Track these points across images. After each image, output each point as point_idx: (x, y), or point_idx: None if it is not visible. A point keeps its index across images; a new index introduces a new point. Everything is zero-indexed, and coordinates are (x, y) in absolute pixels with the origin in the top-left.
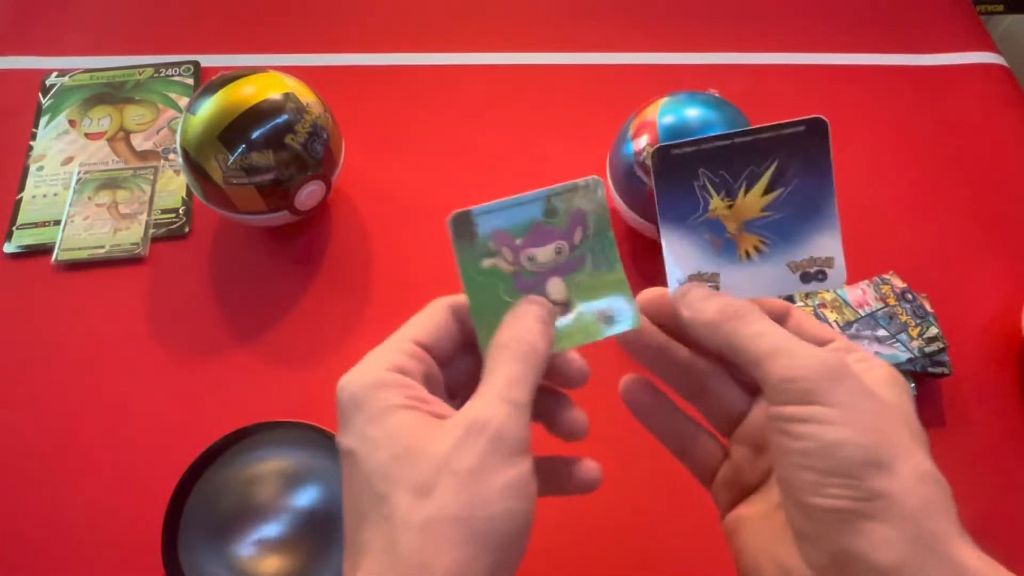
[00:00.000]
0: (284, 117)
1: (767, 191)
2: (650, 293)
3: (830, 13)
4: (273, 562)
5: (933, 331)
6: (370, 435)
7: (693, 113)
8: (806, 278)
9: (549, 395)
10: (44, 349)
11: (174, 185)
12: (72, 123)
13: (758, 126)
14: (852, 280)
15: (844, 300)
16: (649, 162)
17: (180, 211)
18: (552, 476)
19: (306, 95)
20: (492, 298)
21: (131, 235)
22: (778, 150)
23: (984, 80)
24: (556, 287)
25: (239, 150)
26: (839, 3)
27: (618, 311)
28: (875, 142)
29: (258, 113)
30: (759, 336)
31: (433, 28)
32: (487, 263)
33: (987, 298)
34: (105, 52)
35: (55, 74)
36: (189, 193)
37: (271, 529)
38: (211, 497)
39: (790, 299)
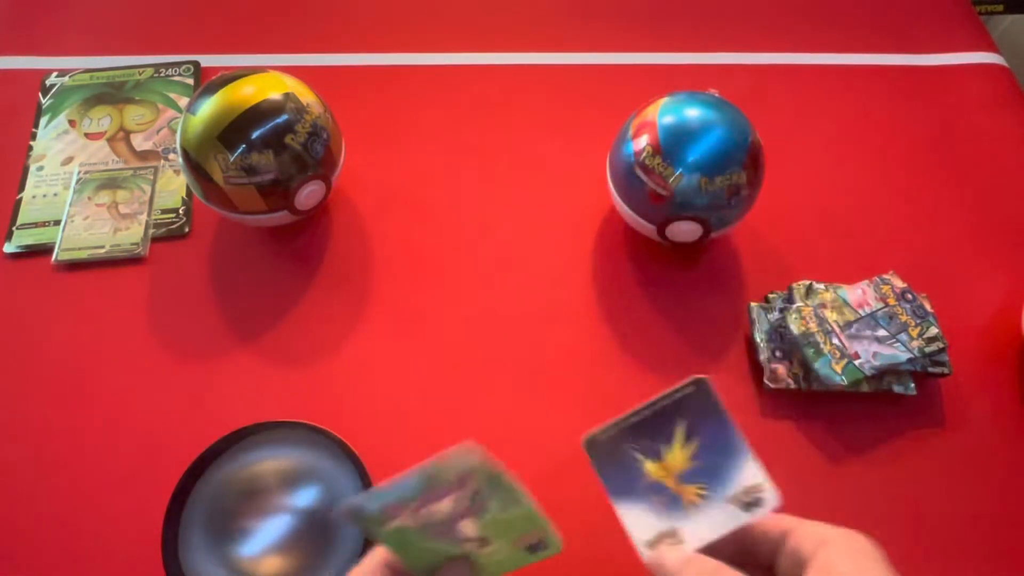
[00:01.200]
0: (284, 117)
1: (685, 444)
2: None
3: (830, 13)
4: (273, 562)
5: (933, 331)
6: None
7: (693, 113)
8: (748, 507)
9: None
10: (44, 349)
11: (174, 185)
12: (72, 123)
13: (657, 397)
14: (853, 279)
15: (844, 300)
16: (585, 448)
17: (180, 211)
18: None
19: (306, 95)
20: (413, 546)
21: (131, 235)
22: (680, 410)
23: (984, 80)
24: (468, 528)
25: (239, 150)
26: (839, 3)
27: (539, 540)
28: (875, 142)
29: (258, 113)
30: None
31: (433, 28)
32: (391, 526)
33: (987, 298)
34: (105, 52)
35: (55, 74)
36: (189, 193)
37: (271, 529)
38: (211, 497)
39: (790, 301)
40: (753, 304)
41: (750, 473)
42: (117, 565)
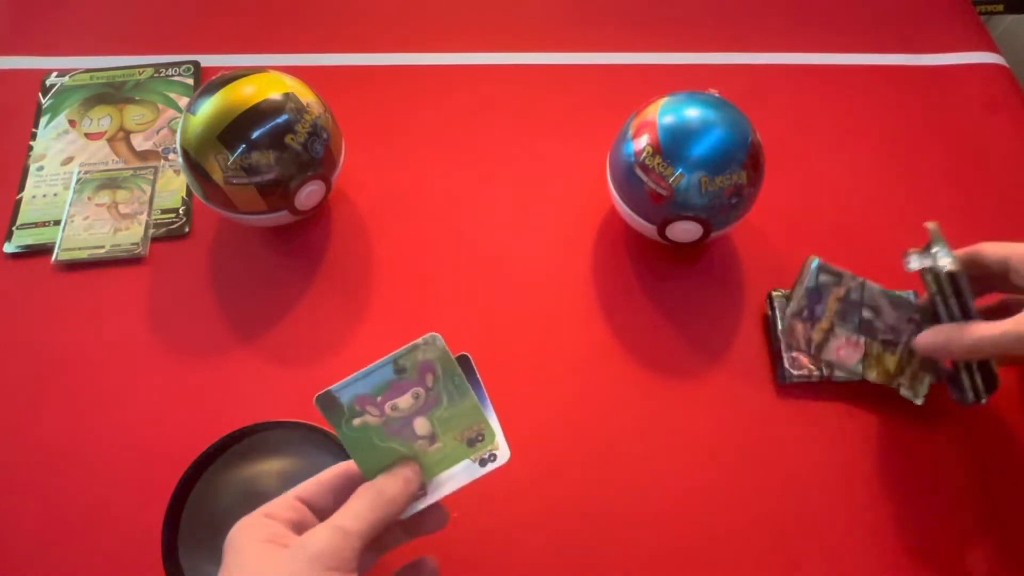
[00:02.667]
0: (284, 117)
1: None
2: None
3: (830, 13)
4: None
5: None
6: (230, 566)
7: (693, 113)
8: (482, 462)
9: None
10: (44, 349)
11: (174, 185)
12: (72, 123)
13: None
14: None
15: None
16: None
17: (180, 211)
18: None
19: (306, 95)
20: (369, 447)
21: (131, 235)
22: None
23: (984, 80)
24: (421, 425)
25: (239, 150)
26: (839, 3)
27: (478, 433)
28: (875, 142)
29: (258, 113)
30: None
31: (433, 28)
32: (357, 422)
33: (986, 297)
34: (105, 52)
35: (55, 74)
36: (189, 193)
37: None
38: (211, 497)
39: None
40: (776, 294)
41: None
42: (117, 565)
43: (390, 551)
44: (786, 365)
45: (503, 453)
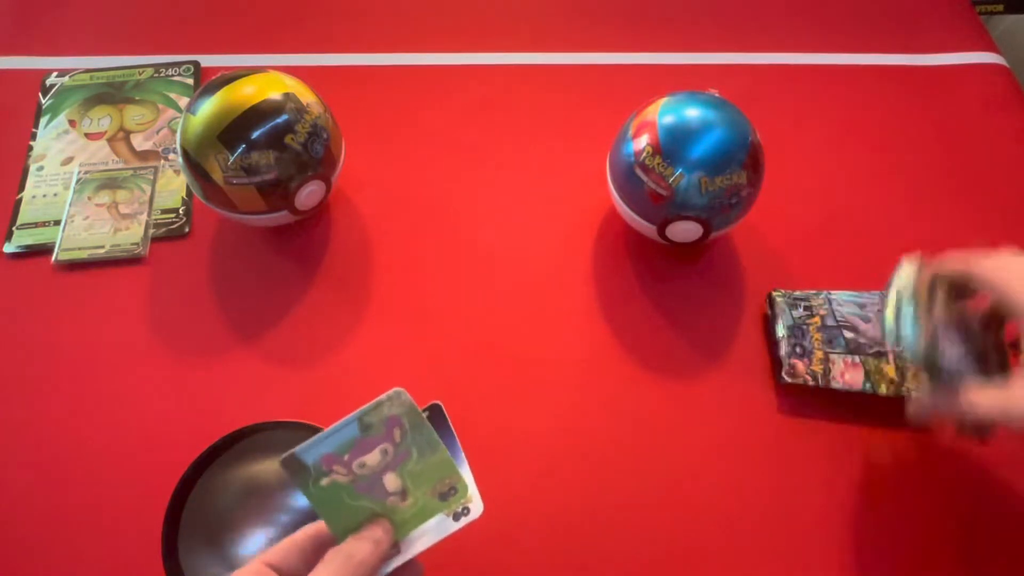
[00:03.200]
0: (284, 117)
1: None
2: None
3: (830, 13)
4: None
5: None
6: None
7: (693, 113)
8: (456, 516)
9: None
10: (44, 349)
11: (174, 185)
12: (72, 123)
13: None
14: (853, 279)
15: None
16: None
17: (180, 211)
18: None
19: (306, 95)
20: (339, 505)
21: (131, 235)
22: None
23: (984, 80)
24: (392, 481)
25: (239, 150)
26: (839, 3)
27: (450, 486)
28: (875, 142)
29: (258, 113)
30: None
31: (433, 28)
32: (325, 482)
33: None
34: (105, 52)
35: (55, 74)
36: (189, 193)
37: (271, 530)
38: (211, 497)
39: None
40: (777, 295)
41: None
42: (117, 565)
43: None
44: (783, 374)
45: (476, 506)
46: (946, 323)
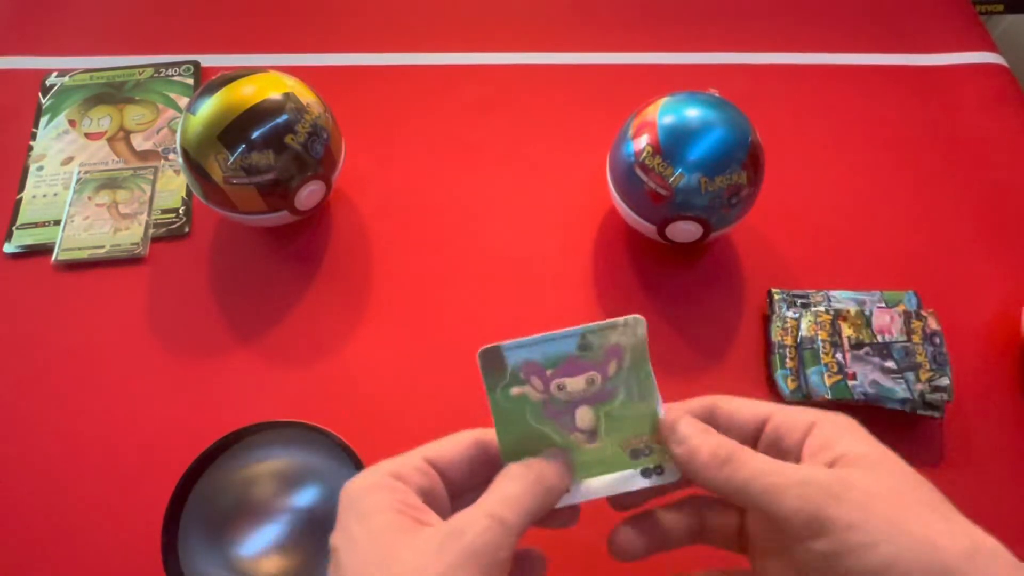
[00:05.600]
0: (284, 117)
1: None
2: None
3: (829, 13)
4: (273, 562)
5: (944, 382)
6: (354, 534)
7: (693, 113)
8: (647, 473)
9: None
10: (44, 349)
11: (174, 185)
12: (72, 123)
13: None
14: (852, 279)
15: (867, 320)
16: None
17: (180, 211)
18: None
19: (306, 95)
20: (519, 423)
21: (131, 235)
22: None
23: (984, 80)
24: (585, 416)
25: (239, 150)
26: (838, 3)
27: (648, 446)
28: (874, 142)
29: (258, 113)
30: (762, 475)
31: (433, 28)
32: (515, 391)
33: (987, 298)
34: (105, 52)
35: (55, 74)
36: (189, 193)
37: (271, 529)
38: (211, 497)
39: (805, 303)
40: (776, 293)
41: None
42: (117, 565)
43: None
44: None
45: (672, 470)
46: None
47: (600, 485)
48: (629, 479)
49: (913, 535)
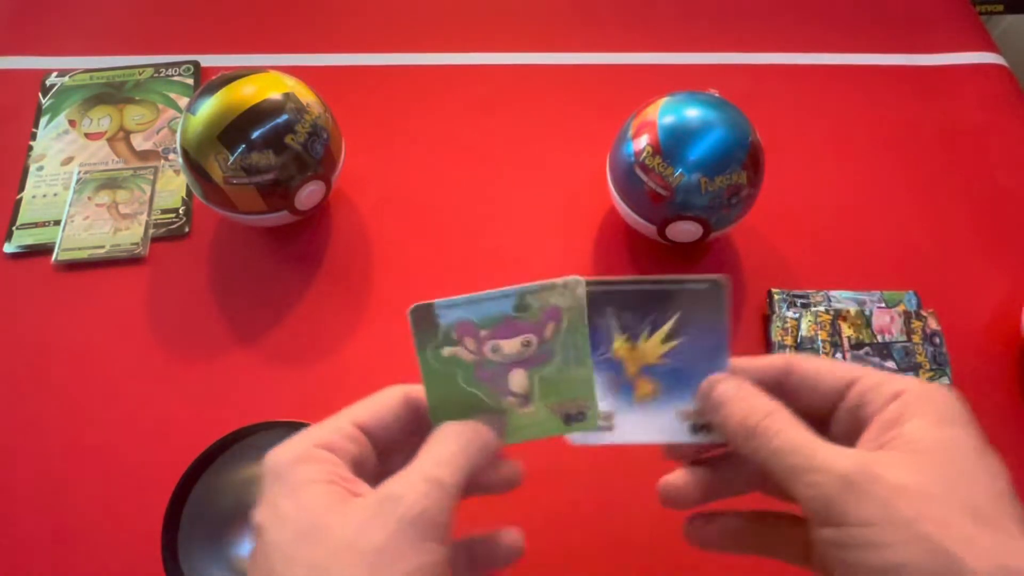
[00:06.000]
0: (284, 117)
1: (667, 339)
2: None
3: (830, 13)
4: None
5: (944, 382)
6: (281, 509)
7: (693, 113)
8: (695, 429)
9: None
10: (44, 349)
11: (174, 185)
12: (72, 123)
13: (667, 276)
14: (852, 279)
15: (867, 320)
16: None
17: (180, 211)
18: (471, 558)
19: (306, 95)
20: (450, 386)
21: (131, 235)
22: (682, 302)
23: (984, 80)
24: (518, 379)
25: (239, 150)
26: (839, 3)
27: (580, 410)
28: (874, 142)
29: (258, 113)
30: (782, 453)
31: (433, 28)
32: (447, 351)
33: (987, 298)
34: (105, 52)
35: (55, 74)
36: (189, 193)
37: None
38: (211, 497)
39: (800, 305)
40: (776, 293)
41: None
42: (117, 565)
43: None
44: None
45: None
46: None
47: (642, 430)
48: (676, 430)
49: (932, 544)
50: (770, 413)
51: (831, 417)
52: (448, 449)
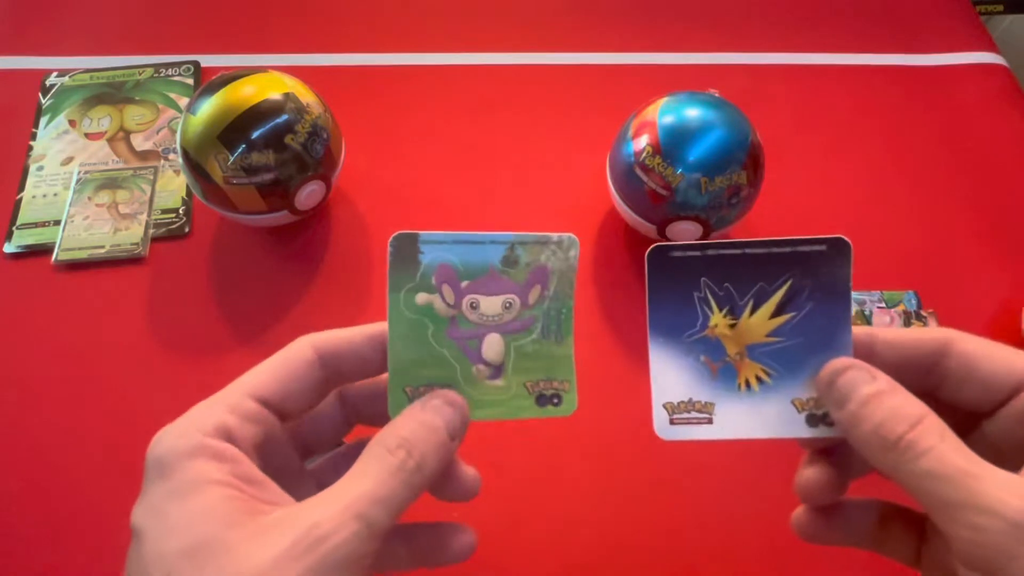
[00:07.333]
0: (284, 117)
1: (776, 313)
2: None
3: (830, 13)
4: None
5: None
6: (168, 515)
7: (693, 113)
8: (813, 420)
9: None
10: (44, 349)
11: (174, 185)
12: (72, 123)
13: (774, 238)
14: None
15: (867, 320)
16: (648, 257)
17: (180, 211)
18: (417, 549)
19: (306, 95)
20: (418, 340)
21: (131, 235)
22: (793, 268)
23: (984, 80)
24: (493, 346)
25: (239, 150)
26: (839, 3)
27: (556, 392)
28: (875, 142)
29: (258, 113)
30: (931, 478)
31: (433, 28)
32: (422, 298)
33: (987, 298)
34: (105, 52)
35: (55, 74)
36: (189, 193)
37: None
38: None
39: None
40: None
41: None
42: (117, 565)
43: None
44: None
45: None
46: None
47: (748, 423)
48: (790, 423)
49: None
50: (917, 422)
51: (989, 415)
52: (389, 485)
